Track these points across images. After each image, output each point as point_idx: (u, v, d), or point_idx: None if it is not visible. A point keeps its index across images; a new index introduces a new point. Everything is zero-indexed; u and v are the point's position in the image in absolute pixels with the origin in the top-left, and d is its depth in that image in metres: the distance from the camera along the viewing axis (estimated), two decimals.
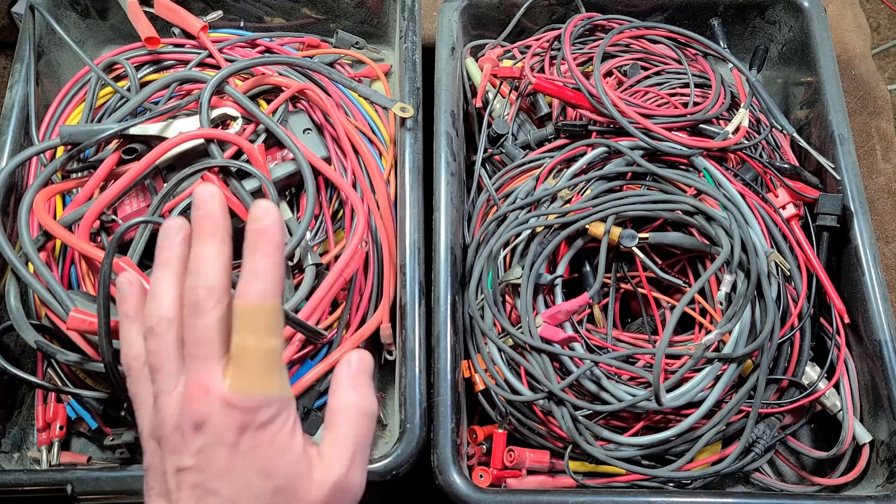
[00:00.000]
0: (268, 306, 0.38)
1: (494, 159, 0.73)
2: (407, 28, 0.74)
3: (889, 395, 0.60)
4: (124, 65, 0.71)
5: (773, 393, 0.62)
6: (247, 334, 0.37)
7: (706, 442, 0.59)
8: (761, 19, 0.79)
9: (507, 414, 0.61)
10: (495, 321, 0.62)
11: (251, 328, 0.37)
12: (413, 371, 0.59)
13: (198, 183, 0.56)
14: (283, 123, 0.67)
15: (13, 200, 0.65)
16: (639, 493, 0.58)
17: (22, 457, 0.64)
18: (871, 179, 0.81)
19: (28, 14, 0.73)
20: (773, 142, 0.72)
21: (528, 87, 0.69)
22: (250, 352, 0.37)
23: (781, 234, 0.65)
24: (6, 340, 0.64)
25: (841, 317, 0.64)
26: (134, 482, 0.55)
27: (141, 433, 0.40)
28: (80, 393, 0.58)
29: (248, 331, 0.37)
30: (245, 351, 0.37)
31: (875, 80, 0.85)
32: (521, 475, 0.61)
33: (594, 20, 0.76)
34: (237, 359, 0.37)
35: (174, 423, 0.37)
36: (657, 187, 0.65)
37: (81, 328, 0.51)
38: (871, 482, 0.61)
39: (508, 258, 0.65)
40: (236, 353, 0.37)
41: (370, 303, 0.65)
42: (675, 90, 0.73)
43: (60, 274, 0.63)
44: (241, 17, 0.79)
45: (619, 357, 0.60)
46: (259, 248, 0.39)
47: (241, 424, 0.36)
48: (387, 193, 0.67)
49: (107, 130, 0.61)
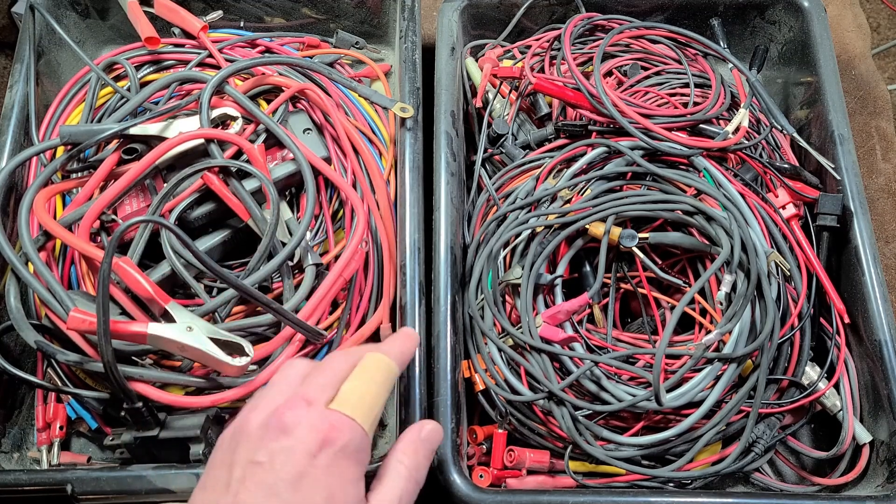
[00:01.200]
0: (386, 364, 0.43)
1: (494, 159, 0.73)
2: (407, 28, 0.74)
3: (889, 395, 0.60)
4: (124, 65, 0.71)
5: (773, 393, 0.62)
6: (361, 375, 0.42)
7: (706, 442, 0.59)
8: (761, 19, 0.79)
9: (507, 414, 0.61)
10: (495, 321, 0.62)
11: (366, 372, 0.42)
12: (413, 371, 0.59)
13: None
14: (283, 123, 0.68)
15: (13, 200, 0.65)
16: (639, 493, 0.58)
17: (22, 457, 0.64)
18: (871, 179, 0.81)
19: (28, 14, 0.73)
20: (773, 142, 0.72)
21: (528, 87, 0.69)
22: (358, 387, 0.41)
23: (781, 234, 0.65)
24: (6, 340, 0.64)
25: (841, 317, 0.64)
26: (134, 482, 0.55)
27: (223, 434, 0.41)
28: (80, 393, 0.58)
29: (363, 374, 0.42)
30: (354, 386, 0.41)
31: (875, 80, 0.85)
32: (521, 475, 0.61)
33: (594, 20, 0.76)
34: (344, 392, 0.41)
35: (263, 421, 0.38)
36: (657, 187, 0.65)
37: (81, 328, 0.51)
38: (871, 482, 0.61)
39: (508, 258, 0.65)
40: (345, 389, 0.41)
41: (370, 303, 0.65)
42: (675, 90, 0.73)
43: (60, 274, 0.63)
44: (241, 17, 0.79)
45: (619, 357, 0.60)
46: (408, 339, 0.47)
47: (324, 439, 0.37)
48: (387, 193, 0.67)
49: (107, 130, 0.61)
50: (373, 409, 0.41)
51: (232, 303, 0.60)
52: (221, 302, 0.58)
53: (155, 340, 0.52)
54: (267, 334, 0.60)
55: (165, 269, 0.59)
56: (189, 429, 0.54)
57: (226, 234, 0.63)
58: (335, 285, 0.60)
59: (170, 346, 0.53)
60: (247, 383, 0.56)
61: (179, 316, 0.53)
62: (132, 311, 0.54)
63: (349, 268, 0.62)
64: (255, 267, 0.59)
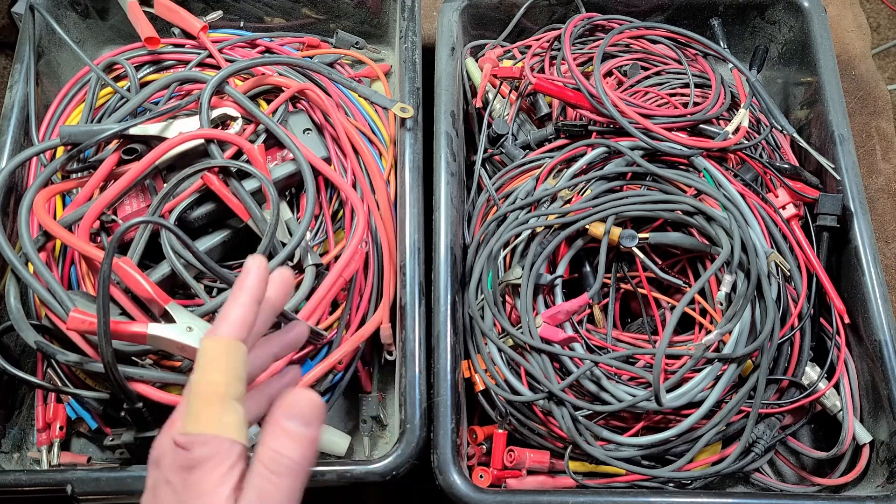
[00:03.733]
0: (217, 345, 0.38)
1: (494, 159, 0.73)
2: (407, 28, 0.74)
3: (889, 395, 0.60)
4: (124, 65, 0.71)
5: (773, 393, 0.62)
6: (195, 370, 0.37)
7: (706, 442, 0.59)
8: (761, 19, 0.79)
9: (507, 414, 0.61)
10: (495, 321, 0.62)
11: (199, 364, 0.37)
12: (413, 371, 0.59)
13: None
14: (283, 123, 0.68)
15: (13, 200, 0.65)
16: (639, 493, 0.58)
17: (22, 457, 0.64)
18: (871, 179, 0.81)
19: (28, 14, 0.73)
20: (773, 142, 0.72)
21: (528, 87, 0.69)
22: (194, 385, 0.37)
23: (781, 235, 0.65)
24: (6, 340, 0.64)
25: (841, 317, 0.64)
26: (134, 482, 0.55)
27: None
28: (80, 393, 0.58)
29: (197, 367, 0.37)
30: (191, 385, 0.37)
31: (875, 80, 0.85)
32: (521, 475, 0.61)
33: (594, 20, 0.76)
34: (185, 395, 0.37)
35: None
36: (657, 187, 0.65)
37: (81, 328, 0.51)
38: (871, 482, 0.61)
39: (508, 258, 0.65)
40: (185, 389, 0.38)
41: (370, 303, 0.65)
42: (675, 90, 0.73)
43: (60, 274, 0.63)
44: (241, 17, 0.79)
45: (619, 357, 0.60)
46: (233, 294, 0.40)
47: (182, 463, 0.36)
48: (387, 193, 0.67)
49: (107, 130, 0.61)
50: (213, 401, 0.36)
51: None
52: (221, 302, 0.58)
53: (155, 341, 0.52)
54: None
55: (165, 270, 0.59)
56: None
57: (226, 235, 0.63)
58: (335, 285, 0.60)
59: (170, 346, 0.53)
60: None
61: (179, 316, 0.53)
62: (132, 311, 0.54)
63: (349, 268, 0.62)
64: None
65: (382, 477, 0.56)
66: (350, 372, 0.63)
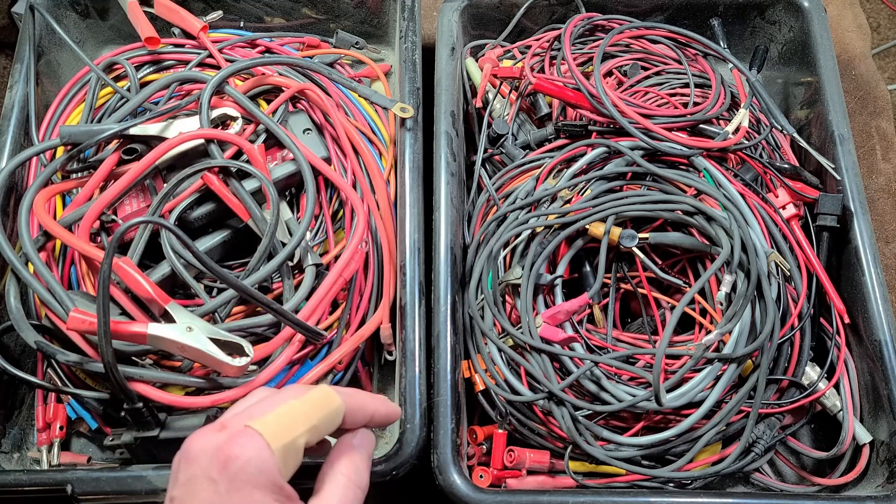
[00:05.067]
0: (328, 398, 0.41)
1: (494, 159, 0.73)
2: (407, 28, 0.74)
3: (889, 395, 0.60)
4: (124, 65, 0.71)
5: (773, 393, 0.62)
6: (296, 403, 0.40)
7: (706, 442, 0.59)
8: (761, 19, 0.79)
9: (507, 414, 0.61)
10: (495, 321, 0.62)
11: (304, 401, 0.41)
12: (413, 371, 0.59)
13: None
14: (283, 123, 0.68)
15: (13, 200, 0.65)
16: (639, 493, 0.58)
17: (22, 457, 0.64)
18: (871, 179, 0.81)
19: (28, 14, 0.73)
20: (773, 142, 0.72)
21: (528, 87, 0.69)
22: (285, 412, 0.40)
23: (781, 234, 0.65)
24: (6, 340, 0.64)
25: (841, 317, 0.64)
26: (134, 482, 0.55)
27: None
28: (80, 393, 0.58)
29: (299, 402, 0.40)
30: (282, 410, 0.40)
31: (875, 80, 0.85)
32: (521, 475, 0.61)
33: (594, 20, 0.76)
34: (269, 414, 0.40)
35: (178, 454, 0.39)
36: (657, 187, 0.65)
37: (81, 328, 0.51)
38: (871, 482, 0.61)
39: (508, 258, 0.65)
40: (273, 411, 0.40)
41: (370, 303, 0.65)
42: (675, 90, 0.73)
43: (60, 274, 0.63)
44: (241, 17, 0.79)
45: (619, 357, 0.60)
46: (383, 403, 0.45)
47: (224, 459, 0.37)
48: (387, 193, 0.67)
49: (107, 130, 0.61)
50: (290, 431, 0.39)
51: (232, 303, 0.60)
52: (221, 302, 0.58)
53: (155, 341, 0.52)
54: (267, 335, 0.60)
55: (165, 270, 0.59)
56: (189, 429, 0.54)
57: (226, 235, 0.63)
58: (335, 285, 0.60)
59: (170, 346, 0.53)
60: (247, 384, 0.56)
61: (179, 316, 0.53)
62: (132, 311, 0.54)
63: (349, 268, 0.62)
64: (255, 267, 0.59)
65: (382, 477, 0.56)
66: (350, 372, 0.63)
